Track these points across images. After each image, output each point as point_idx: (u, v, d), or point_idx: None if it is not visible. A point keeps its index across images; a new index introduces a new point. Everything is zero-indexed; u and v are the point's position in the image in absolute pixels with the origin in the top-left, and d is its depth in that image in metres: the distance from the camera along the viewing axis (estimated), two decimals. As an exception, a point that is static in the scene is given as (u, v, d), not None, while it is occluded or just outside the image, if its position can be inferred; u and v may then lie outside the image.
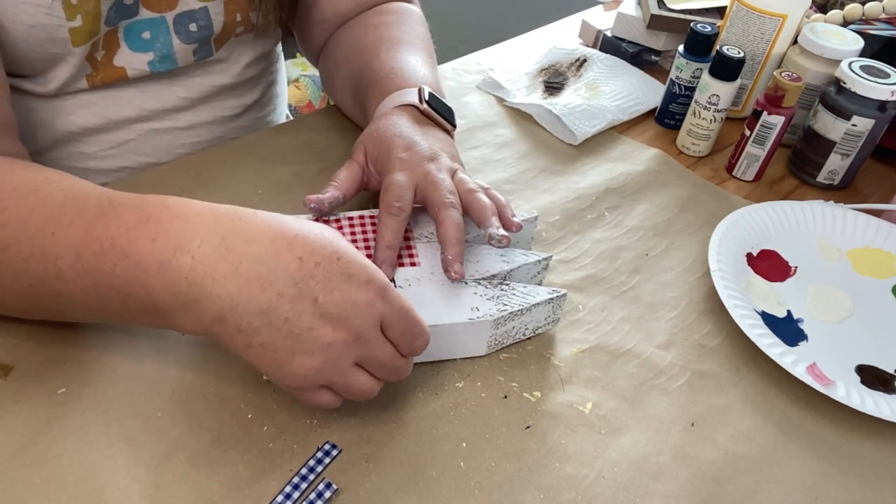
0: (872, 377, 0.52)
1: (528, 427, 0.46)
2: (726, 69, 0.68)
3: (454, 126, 0.59)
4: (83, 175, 0.63)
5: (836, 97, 0.67)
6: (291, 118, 0.92)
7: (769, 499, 0.44)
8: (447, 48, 0.67)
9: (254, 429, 0.44)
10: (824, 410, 0.50)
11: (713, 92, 0.69)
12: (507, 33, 0.98)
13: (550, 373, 0.50)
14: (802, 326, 0.56)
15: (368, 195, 0.63)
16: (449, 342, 0.48)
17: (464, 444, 0.45)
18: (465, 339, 0.48)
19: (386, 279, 0.40)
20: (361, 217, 0.53)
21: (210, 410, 0.45)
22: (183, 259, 0.37)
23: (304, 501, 0.41)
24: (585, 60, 0.85)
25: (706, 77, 0.70)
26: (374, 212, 0.54)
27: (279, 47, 0.77)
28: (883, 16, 0.76)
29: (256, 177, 0.63)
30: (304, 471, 0.42)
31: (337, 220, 0.53)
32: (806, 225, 0.64)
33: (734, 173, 0.72)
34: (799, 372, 0.49)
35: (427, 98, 0.56)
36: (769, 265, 0.61)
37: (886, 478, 0.46)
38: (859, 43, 0.70)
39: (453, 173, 0.52)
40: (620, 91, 0.80)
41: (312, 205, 0.49)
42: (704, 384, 0.51)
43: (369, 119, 0.58)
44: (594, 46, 0.90)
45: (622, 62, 0.85)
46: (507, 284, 0.50)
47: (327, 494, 0.41)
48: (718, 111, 0.71)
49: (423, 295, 0.48)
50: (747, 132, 0.69)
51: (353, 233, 0.52)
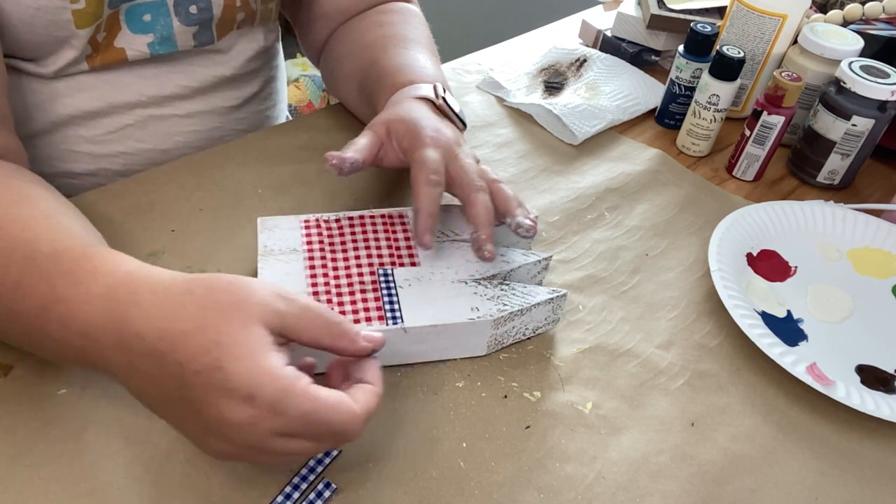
0: (872, 377, 0.52)
1: (528, 427, 0.46)
2: (726, 69, 0.68)
3: (465, 126, 0.59)
4: (80, 160, 0.63)
5: (836, 97, 0.67)
6: (291, 118, 0.92)
7: (769, 499, 0.44)
8: (447, 48, 0.67)
9: (254, 429, 0.44)
10: (824, 410, 0.50)
11: (713, 92, 0.69)
12: (507, 33, 0.98)
13: (550, 373, 0.50)
14: (802, 326, 0.56)
15: (369, 195, 0.63)
16: (449, 342, 0.48)
17: (464, 444, 0.45)
18: (465, 339, 0.48)
19: (281, 386, 0.34)
20: (361, 217, 0.53)
21: (210, 410, 0.45)
22: (90, 345, 0.38)
23: (304, 501, 0.41)
24: (585, 60, 0.85)
25: (706, 77, 0.70)
26: (374, 212, 0.54)
27: (279, 45, 0.77)
28: (883, 16, 0.76)
29: (256, 177, 0.63)
30: (304, 471, 0.42)
31: (337, 220, 0.53)
32: (806, 225, 0.64)
33: (734, 173, 0.72)
34: (799, 372, 0.49)
35: (442, 94, 0.57)
36: (769, 265, 0.61)
37: (886, 478, 0.46)
38: (859, 43, 0.70)
39: (476, 162, 0.53)
40: (620, 91, 0.80)
41: (334, 161, 0.49)
42: (704, 384, 0.51)
43: (378, 112, 0.58)
44: (594, 46, 0.90)
45: (622, 62, 0.85)
46: (508, 284, 0.50)
47: (327, 494, 0.41)
48: (718, 111, 0.71)
49: (423, 295, 0.48)
50: (747, 132, 0.69)
51: (354, 233, 0.52)
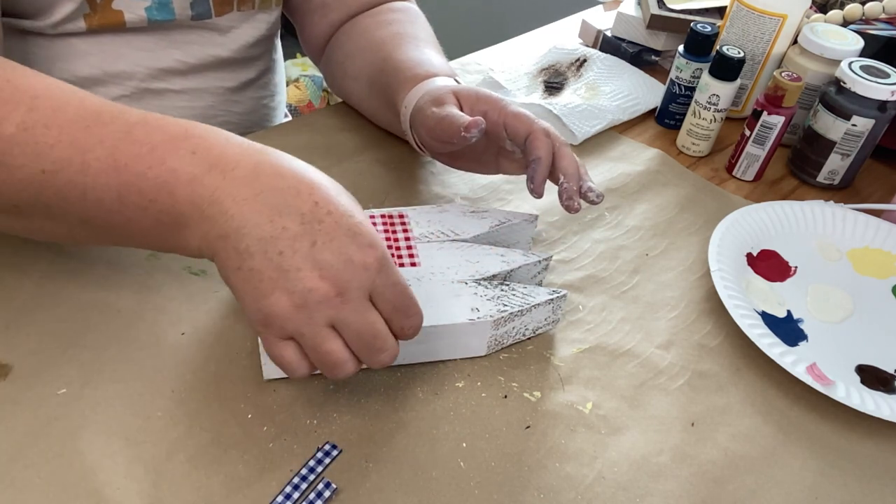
0: (872, 377, 0.52)
1: (528, 427, 0.46)
2: (726, 69, 0.68)
3: None
4: None
5: (836, 97, 0.67)
6: (291, 118, 0.92)
7: (769, 499, 0.44)
8: (447, 48, 0.68)
9: (254, 429, 0.44)
10: (824, 410, 0.50)
11: (713, 92, 0.69)
12: (507, 33, 0.98)
13: (550, 373, 0.50)
14: (802, 326, 0.56)
15: (370, 195, 0.63)
16: (449, 342, 0.48)
17: (464, 444, 0.45)
18: (466, 340, 0.48)
19: (387, 253, 0.39)
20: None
21: (210, 410, 0.45)
22: (214, 177, 0.39)
23: (304, 501, 0.41)
24: (585, 60, 0.85)
25: (706, 77, 0.70)
26: (374, 212, 0.54)
27: (279, 41, 0.78)
28: (883, 16, 0.76)
29: (256, 177, 0.63)
30: (304, 471, 0.42)
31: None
32: (806, 225, 0.64)
33: (734, 173, 0.72)
34: (799, 372, 0.49)
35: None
36: (769, 265, 0.61)
37: (886, 478, 0.46)
38: (859, 43, 0.70)
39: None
40: (620, 91, 0.80)
41: (474, 129, 0.49)
42: (704, 384, 0.51)
43: (396, 106, 0.59)
44: (594, 46, 0.90)
45: (622, 62, 0.85)
46: (508, 285, 0.50)
47: (327, 494, 0.41)
48: (718, 111, 0.71)
49: (423, 295, 0.48)
50: (747, 132, 0.69)
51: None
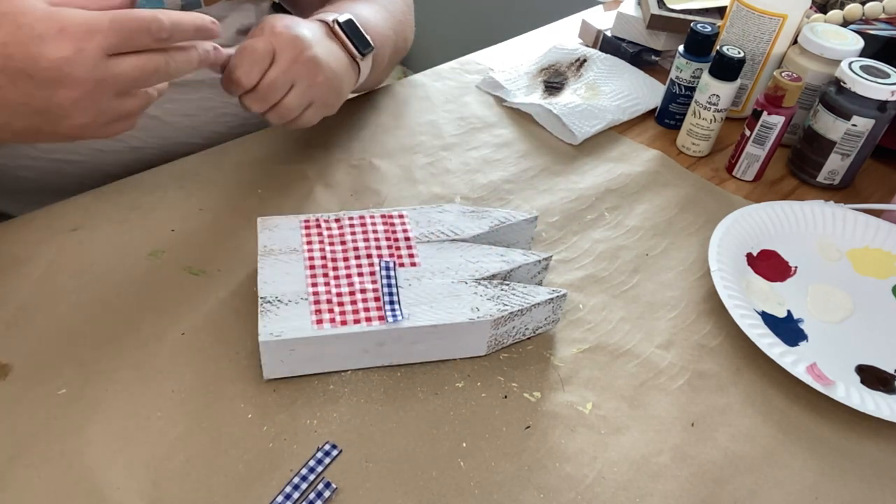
0: (872, 377, 0.52)
1: (528, 427, 0.46)
2: (726, 69, 0.68)
3: (361, 54, 0.60)
4: None
5: (836, 97, 0.67)
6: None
7: (769, 499, 0.44)
8: (447, 48, 0.68)
9: (254, 429, 0.44)
10: (824, 410, 0.50)
11: (713, 92, 0.69)
12: (507, 33, 0.98)
13: (550, 373, 0.50)
14: (802, 326, 0.56)
15: (370, 195, 0.63)
16: (449, 342, 0.48)
17: (464, 444, 0.45)
18: (465, 339, 0.48)
19: (84, 15, 0.40)
20: (361, 217, 0.53)
21: (210, 410, 0.45)
22: None
23: (304, 501, 0.41)
24: (585, 60, 0.85)
25: (706, 77, 0.70)
26: (374, 211, 0.54)
27: None
28: (883, 16, 0.76)
29: (256, 177, 0.63)
30: (304, 471, 0.42)
31: (337, 220, 0.53)
32: (806, 225, 0.64)
33: (734, 173, 0.72)
34: (799, 372, 0.49)
35: (343, 21, 0.58)
36: (769, 265, 0.61)
37: (886, 478, 0.46)
38: (859, 43, 0.70)
39: (298, 55, 0.53)
40: (620, 91, 0.80)
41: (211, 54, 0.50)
42: (704, 384, 0.51)
43: None
44: (594, 46, 0.90)
45: (622, 62, 0.85)
46: (508, 284, 0.50)
47: (327, 494, 0.41)
48: (718, 111, 0.71)
49: (423, 295, 0.48)
50: (747, 132, 0.69)
51: (354, 233, 0.52)
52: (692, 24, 0.72)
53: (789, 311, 0.57)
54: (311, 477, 0.42)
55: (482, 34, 1.94)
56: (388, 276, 0.49)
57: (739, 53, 0.68)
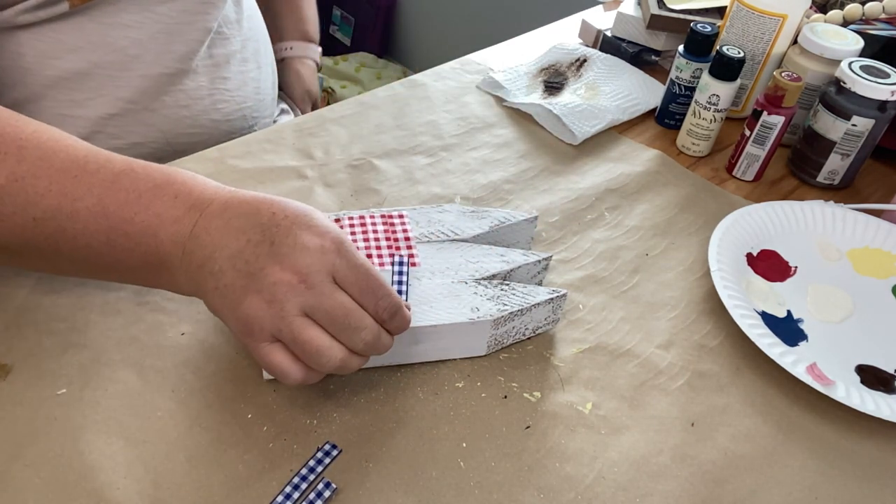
0: (872, 377, 0.52)
1: (528, 427, 0.46)
2: (726, 69, 0.68)
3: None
4: (72, 123, 0.66)
5: (836, 97, 0.67)
6: (291, 114, 0.92)
7: (769, 499, 0.44)
8: (447, 48, 0.68)
9: (254, 429, 0.44)
10: (824, 410, 0.50)
11: (713, 92, 0.69)
12: (507, 33, 0.98)
13: (550, 373, 0.50)
14: (802, 326, 0.56)
15: (369, 195, 0.63)
16: (449, 342, 0.48)
17: (464, 444, 0.45)
18: (465, 339, 0.48)
19: (345, 238, 0.41)
20: (361, 217, 0.53)
21: (210, 410, 0.45)
22: (193, 215, 0.41)
23: (304, 501, 0.41)
24: (585, 60, 0.85)
25: (706, 77, 0.70)
26: (374, 211, 0.54)
27: (254, 11, 0.79)
28: (883, 16, 0.76)
29: (256, 177, 0.63)
30: (304, 471, 0.42)
31: (337, 220, 0.53)
32: (806, 225, 0.64)
33: (734, 173, 0.72)
34: (799, 372, 0.49)
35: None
36: (769, 265, 0.61)
37: (886, 478, 0.46)
38: (859, 43, 0.70)
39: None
40: (620, 91, 0.80)
41: None
42: (704, 384, 0.51)
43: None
44: (594, 46, 0.90)
45: (622, 62, 0.85)
46: (508, 284, 0.50)
47: (327, 494, 0.41)
48: (718, 111, 0.71)
49: (423, 295, 0.48)
50: (747, 132, 0.69)
51: (354, 233, 0.52)
52: (692, 24, 0.72)
53: (789, 311, 0.57)
54: (311, 477, 0.42)
55: (482, 34, 1.94)
56: (400, 273, 0.48)
57: (739, 53, 0.68)
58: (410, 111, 0.76)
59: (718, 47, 0.69)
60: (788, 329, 0.55)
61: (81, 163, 0.42)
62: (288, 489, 0.41)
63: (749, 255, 0.61)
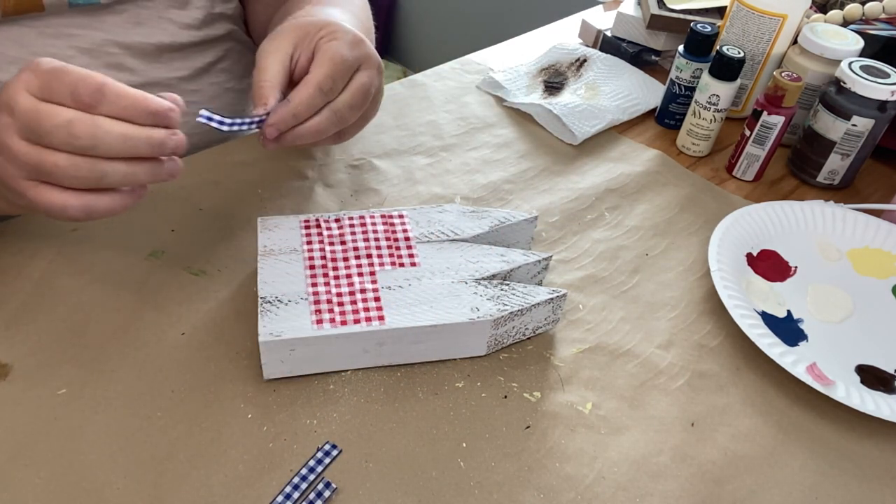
0: (872, 377, 0.52)
1: (528, 427, 0.46)
2: (726, 69, 0.68)
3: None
4: None
5: (836, 97, 0.67)
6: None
7: (769, 499, 0.44)
8: (447, 48, 0.68)
9: (254, 429, 0.44)
10: (824, 410, 0.50)
11: (713, 92, 0.69)
12: (507, 33, 0.98)
13: (550, 373, 0.50)
14: (802, 326, 0.56)
15: (369, 195, 0.63)
16: (449, 342, 0.48)
17: (464, 444, 0.45)
18: (465, 339, 0.48)
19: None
20: (361, 217, 0.53)
21: (210, 410, 0.45)
22: None
23: (304, 501, 0.41)
24: (585, 60, 0.85)
25: (706, 77, 0.70)
26: (374, 211, 0.54)
27: (238, 24, 0.75)
28: (883, 16, 0.76)
29: (256, 177, 0.63)
30: (304, 471, 0.42)
31: (337, 220, 0.53)
32: (806, 225, 0.64)
33: (734, 173, 0.72)
34: (799, 372, 0.49)
35: None
36: (769, 265, 0.61)
37: (886, 478, 0.46)
38: (859, 43, 0.70)
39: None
40: (620, 91, 0.80)
41: (272, 135, 0.48)
42: (704, 384, 0.51)
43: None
44: (594, 46, 0.90)
45: (622, 62, 0.85)
46: (507, 284, 0.50)
47: (327, 494, 0.41)
48: (718, 111, 0.71)
49: (423, 295, 0.48)
50: (747, 132, 0.69)
51: (354, 233, 0.52)
52: (692, 24, 0.72)
53: (789, 311, 0.57)
54: (311, 477, 0.42)
55: (482, 34, 1.94)
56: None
57: (739, 53, 0.68)
58: (410, 111, 0.76)
59: (718, 47, 0.69)
60: (788, 329, 0.55)
61: None
62: (288, 489, 0.41)
63: (749, 255, 0.61)
